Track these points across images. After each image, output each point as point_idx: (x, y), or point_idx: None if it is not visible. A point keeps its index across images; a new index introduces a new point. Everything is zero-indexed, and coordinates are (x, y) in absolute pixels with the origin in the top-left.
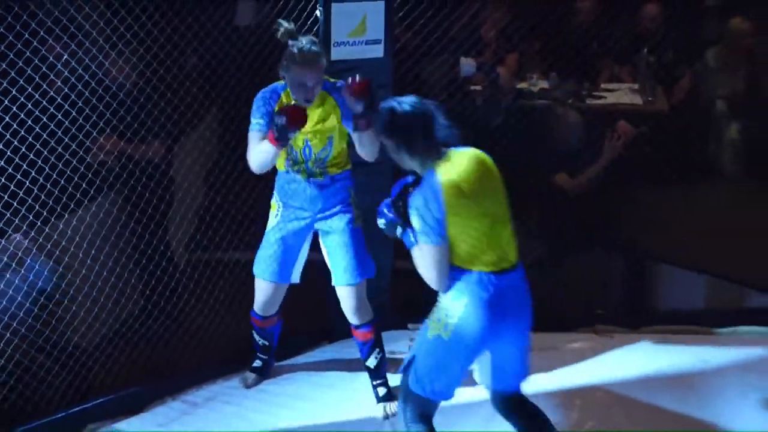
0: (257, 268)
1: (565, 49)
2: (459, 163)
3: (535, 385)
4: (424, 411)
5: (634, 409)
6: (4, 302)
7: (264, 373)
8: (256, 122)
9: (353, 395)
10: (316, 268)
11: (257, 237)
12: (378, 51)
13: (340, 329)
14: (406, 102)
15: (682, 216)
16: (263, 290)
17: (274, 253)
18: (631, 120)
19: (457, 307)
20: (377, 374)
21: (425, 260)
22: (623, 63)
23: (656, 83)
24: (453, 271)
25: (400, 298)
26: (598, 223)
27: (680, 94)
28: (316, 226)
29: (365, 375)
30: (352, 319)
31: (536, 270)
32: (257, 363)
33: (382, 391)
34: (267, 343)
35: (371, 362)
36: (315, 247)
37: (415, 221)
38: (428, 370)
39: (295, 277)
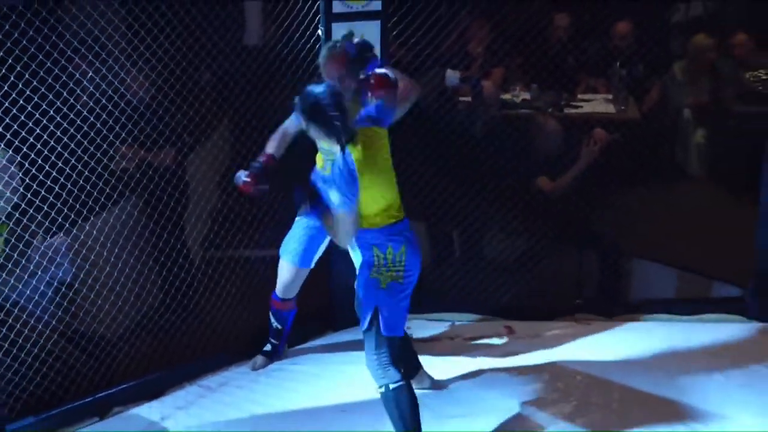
0: (284, 250)
1: (545, 63)
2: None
3: (520, 368)
4: (393, 353)
5: (611, 390)
6: (36, 297)
7: (272, 357)
8: None
9: (357, 379)
10: (321, 265)
11: (266, 236)
12: None
13: (342, 319)
14: (317, 88)
15: (653, 214)
16: (286, 272)
17: (300, 237)
18: (605, 127)
19: (400, 253)
20: None
21: (345, 225)
22: (598, 76)
23: (628, 94)
24: (378, 228)
25: None
26: (577, 222)
27: (650, 104)
28: None
29: None
30: None
31: (521, 265)
32: (267, 347)
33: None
34: (280, 327)
35: None
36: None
37: (335, 195)
38: (393, 313)
39: (313, 263)
